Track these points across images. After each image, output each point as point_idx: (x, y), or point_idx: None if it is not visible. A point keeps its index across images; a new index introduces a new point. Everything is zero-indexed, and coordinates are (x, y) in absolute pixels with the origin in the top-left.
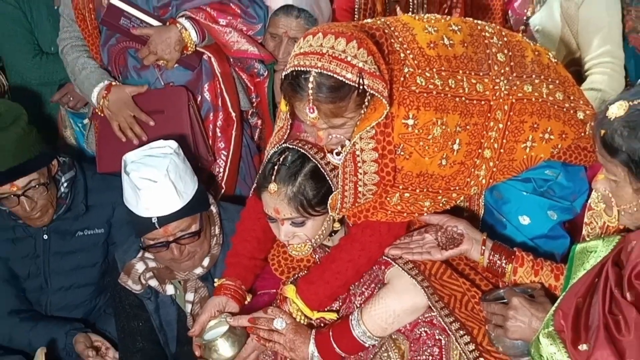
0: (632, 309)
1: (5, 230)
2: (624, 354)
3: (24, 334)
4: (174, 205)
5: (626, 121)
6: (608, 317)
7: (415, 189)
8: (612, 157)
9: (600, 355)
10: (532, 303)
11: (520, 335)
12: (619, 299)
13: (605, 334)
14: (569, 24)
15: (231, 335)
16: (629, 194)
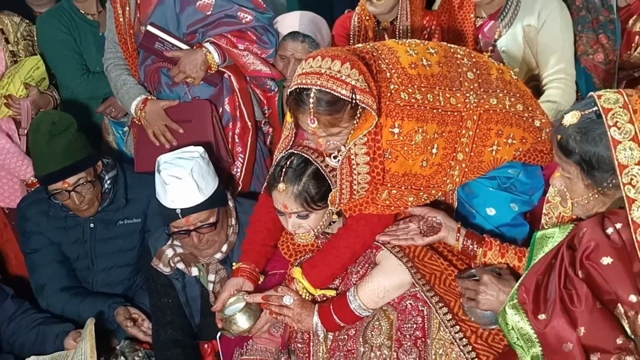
0: (583, 285)
1: (58, 220)
2: (576, 322)
3: (74, 307)
4: (195, 200)
5: (579, 127)
6: (563, 292)
7: (401, 186)
8: (567, 158)
9: (557, 323)
10: (500, 280)
11: (490, 306)
12: (572, 276)
13: (561, 306)
14: (530, 45)
15: (247, 310)
16: (581, 188)
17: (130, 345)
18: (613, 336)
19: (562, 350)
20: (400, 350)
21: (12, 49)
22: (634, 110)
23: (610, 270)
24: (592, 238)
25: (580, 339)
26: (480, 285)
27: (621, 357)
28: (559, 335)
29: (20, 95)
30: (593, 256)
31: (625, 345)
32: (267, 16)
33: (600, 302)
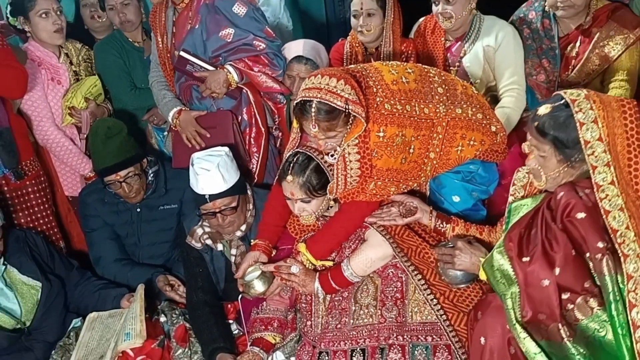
0: (563, 234)
1: (111, 205)
2: (553, 264)
3: (124, 275)
4: (221, 188)
5: (552, 115)
6: (545, 240)
7: (385, 179)
8: (543, 139)
9: (538, 265)
10: (472, 245)
11: (464, 267)
12: (554, 228)
13: (542, 250)
14: (489, 62)
15: (263, 277)
16: (554, 164)
17: (169, 306)
18: (582, 280)
19: (540, 285)
20: (384, 308)
21: (75, 69)
22: (593, 100)
23: (584, 222)
24: (569, 198)
25: (556, 277)
26: (456, 249)
27: (586, 298)
28: (539, 274)
29: (81, 107)
30: (570, 212)
31: (591, 289)
32: (276, 44)
33: (576, 250)
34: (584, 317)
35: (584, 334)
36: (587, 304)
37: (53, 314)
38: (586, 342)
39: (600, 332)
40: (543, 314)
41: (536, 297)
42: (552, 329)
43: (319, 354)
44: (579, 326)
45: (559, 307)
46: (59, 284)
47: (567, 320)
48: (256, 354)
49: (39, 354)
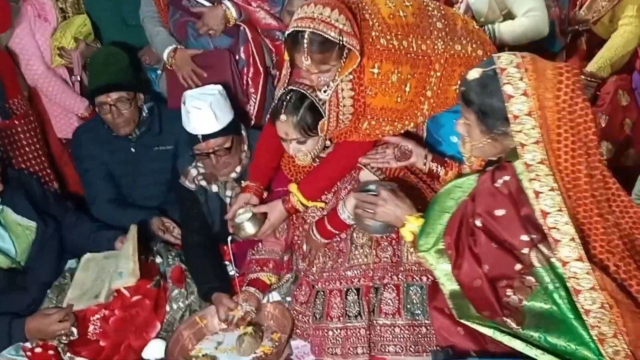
0: (481, 233)
1: (106, 144)
2: (480, 261)
3: (119, 215)
4: (214, 127)
5: (479, 82)
6: (470, 239)
7: (379, 118)
8: (468, 107)
9: (467, 264)
10: (397, 196)
11: (386, 219)
12: (473, 226)
13: (469, 251)
14: None
15: (254, 219)
16: (477, 133)
17: (164, 247)
18: (511, 265)
19: (474, 286)
20: (379, 248)
21: (61, 5)
22: (525, 69)
23: (503, 220)
24: (485, 196)
25: (486, 274)
26: (380, 199)
27: (522, 279)
28: (470, 275)
29: (70, 47)
30: (487, 209)
31: (524, 270)
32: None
33: (497, 243)
34: (526, 296)
35: (532, 312)
36: (524, 284)
37: (48, 255)
38: (538, 320)
39: (546, 305)
40: (486, 310)
41: (474, 297)
42: (499, 321)
43: (316, 293)
44: (525, 308)
45: (497, 302)
46: (53, 225)
47: (512, 305)
48: (252, 294)
49: (34, 294)
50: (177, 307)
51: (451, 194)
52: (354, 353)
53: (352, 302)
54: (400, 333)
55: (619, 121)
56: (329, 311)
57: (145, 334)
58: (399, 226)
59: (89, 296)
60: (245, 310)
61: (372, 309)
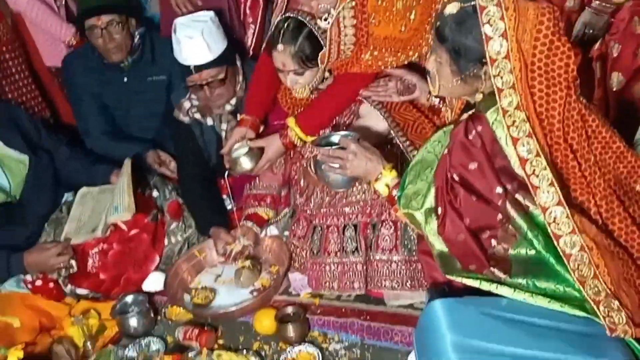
0: (459, 187)
1: (97, 73)
2: (462, 215)
3: (113, 148)
4: (206, 57)
5: (456, 18)
6: (450, 195)
7: (382, 49)
8: (441, 44)
9: (449, 220)
10: (367, 148)
11: (357, 173)
12: (451, 181)
13: (450, 206)
14: None
15: (250, 154)
16: (448, 73)
17: (161, 180)
18: (493, 215)
19: (458, 241)
20: None
21: None
22: (506, 7)
23: (476, 173)
24: (459, 145)
25: (468, 227)
26: (349, 153)
27: (505, 228)
28: (453, 231)
29: None
30: (462, 162)
31: (505, 219)
32: None
33: (476, 196)
34: (511, 244)
35: (519, 260)
36: (508, 233)
37: (43, 188)
38: (525, 267)
39: (530, 251)
40: (472, 264)
41: (460, 252)
42: (487, 274)
43: (313, 228)
44: (511, 256)
45: (483, 254)
46: (47, 158)
47: (498, 256)
48: (249, 228)
49: (32, 227)
50: (176, 240)
51: (430, 146)
52: (351, 287)
53: (350, 238)
54: (397, 268)
55: (632, 50)
56: (326, 246)
57: (144, 267)
58: (372, 180)
59: (86, 230)
60: (243, 245)
61: (369, 245)
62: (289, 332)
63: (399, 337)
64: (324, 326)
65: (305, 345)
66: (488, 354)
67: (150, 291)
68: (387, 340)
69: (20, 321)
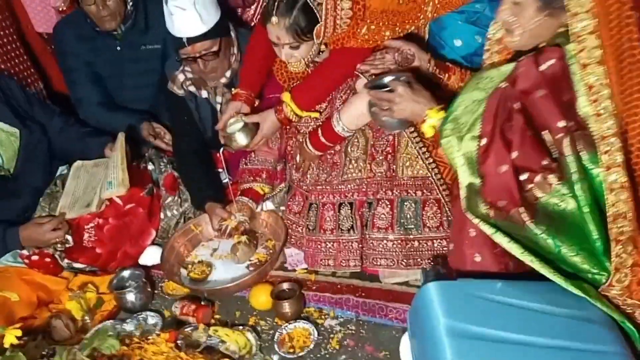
0: (519, 116)
1: (90, 42)
2: (510, 147)
3: (107, 119)
4: (199, 29)
5: None
6: (505, 124)
7: (379, 22)
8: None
9: (496, 151)
10: (414, 90)
11: (404, 116)
12: (511, 110)
13: (500, 135)
14: None
15: (245, 129)
16: (531, 13)
17: (156, 153)
18: (540, 158)
19: (498, 172)
20: (373, 162)
21: None
22: None
23: (543, 100)
24: (528, 75)
25: (514, 160)
26: (396, 96)
27: (545, 175)
28: (497, 160)
29: None
30: (529, 90)
31: (549, 165)
32: None
33: (532, 130)
34: (544, 194)
35: (545, 210)
36: (545, 181)
37: (37, 161)
38: (549, 219)
39: (560, 205)
40: (503, 200)
41: (495, 185)
42: (513, 214)
43: (309, 205)
44: (539, 204)
45: (518, 190)
46: (39, 130)
47: (528, 200)
48: (245, 204)
49: (27, 200)
50: (172, 214)
51: (479, 83)
52: (347, 265)
53: (345, 216)
54: (393, 247)
55: None
56: (322, 224)
57: (140, 241)
58: (419, 122)
59: (80, 205)
60: (239, 220)
61: (365, 223)
62: (285, 308)
63: (393, 314)
64: (319, 302)
65: (301, 322)
66: (481, 339)
67: (147, 265)
68: (382, 317)
69: (18, 295)
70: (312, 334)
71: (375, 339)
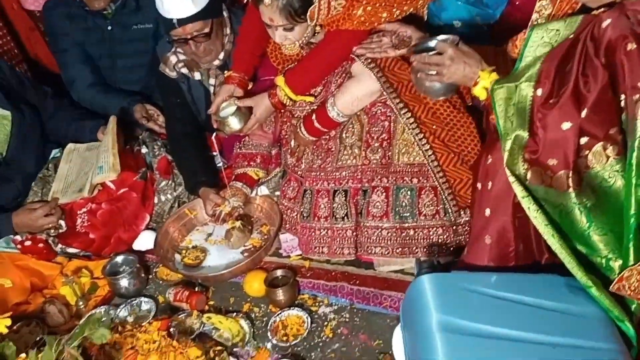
0: (605, 72)
1: (80, 21)
2: (584, 103)
3: (100, 101)
4: (189, 11)
5: None
6: (579, 78)
7: (375, 3)
8: None
9: (563, 106)
10: (465, 52)
11: (455, 79)
12: (596, 64)
13: (573, 89)
14: None
15: (238, 114)
16: None
17: (150, 136)
18: (608, 125)
19: (559, 128)
20: (368, 150)
21: None
22: None
23: (632, 55)
24: (617, 27)
25: (581, 120)
26: (446, 59)
27: (605, 145)
28: (562, 114)
29: None
30: (616, 43)
31: (615, 136)
32: None
33: (613, 91)
34: (597, 164)
35: (591, 182)
36: (604, 152)
37: (29, 145)
38: (591, 192)
39: (608, 181)
40: (555, 159)
41: (552, 141)
42: (560, 176)
43: (303, 191)
44: (588, 174)
45: (574, 153)
46: (31, 113)
47: (578, 166)
48: (239, 189)
49: (19, 185)
50: (166, 198)
51: (544, 37)
52: (341, 253)
53: (340, 203)
54: (387, 235)
55: None
56: (316, 211)
57: (134, 226)
58: (471, 85)
59: (72, 190)
60: (233, 206)
61: (359, 211)
62: (279, 296)
63: (388, 302)
64: (313, 289)
65: (295, 309)
66: (473, 334)
67: (141, 250)
68: (377, 305)
69: (11, 281)
70: (305, 322)
71: (369, 327)
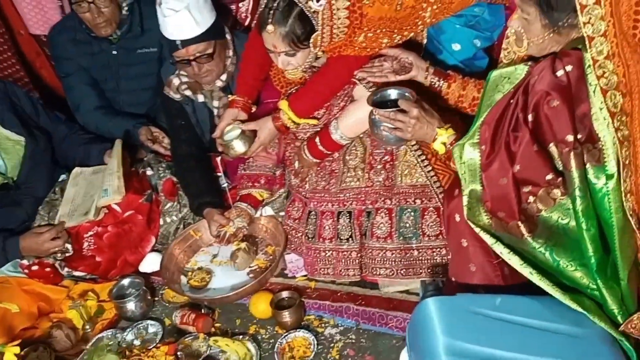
0: (526, 130)
1: (85, 46)
2: (513, 160)
3: (105, 124)
4: (193, 32)
5: None
6: (510, 135)
7: (376, 29)
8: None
9: (498, 162)
10: (427, 111)
11: (417, 137)
12: (521, 122)
13: (505, 146)
14: None
15: (243, 137)
16: (538, 29)
17: (155, 158)
18: (544, 173)
19: (499, 184)
20: (372, 172)
21: None
22: None
23: (556, 111)
24: (543, 84)
25: (515, 174)
26: (411, 118)
27: (549, 190)
28: (499, 171)
29: None
30: (542, 100)
31: (554, 181)
32: None
33: (539, 145)
34: (546, 207)
35: (546, 224)
36: (549, 196)
37: (40, 169)
38: (549, 233)
39: (563, 220)
40: (502, 211)
41: (495, 195)
42: (512, 226)
43: (308, 212)
44: (540, 218)
45: (517, 204)
46: (44, 138)
47: (529, 213)
48: (243, 210)
49: (28, 209)
50: (171, 220)
51: (498, 85)
52: (346, 274)
53: (344, 225)
54: (392, 256)
55: None
56: (321, 232)
57: (140, 248)
58: (430, 141)
59: (79, 213)
60: (237, 227)
61: (364, 233)
62: (285, 318)
63: (393, 322)
64: (319, 310)
65: (301, 331)
66: (480, 357)
67: (147, 272)
68: (382, 326)
69: (18, 306)
70: (312, 344)
71: (375, 348)
